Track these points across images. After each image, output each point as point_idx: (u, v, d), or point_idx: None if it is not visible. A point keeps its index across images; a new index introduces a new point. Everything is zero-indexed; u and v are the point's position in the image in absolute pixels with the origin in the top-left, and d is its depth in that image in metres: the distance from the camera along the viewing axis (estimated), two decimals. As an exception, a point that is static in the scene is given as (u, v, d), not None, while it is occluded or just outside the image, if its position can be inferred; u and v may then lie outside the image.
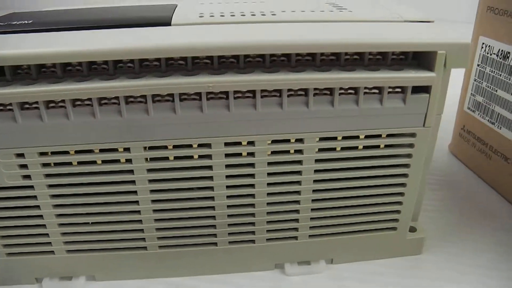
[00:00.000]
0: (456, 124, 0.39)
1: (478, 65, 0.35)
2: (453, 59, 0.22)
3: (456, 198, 0.34)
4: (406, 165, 0.25)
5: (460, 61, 0.22)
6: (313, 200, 0.25)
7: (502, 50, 0.33)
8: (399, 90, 0.23)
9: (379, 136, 0.24)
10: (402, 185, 0.25)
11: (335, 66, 0.22)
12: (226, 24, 0.24)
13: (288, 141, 0.23)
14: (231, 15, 0.25)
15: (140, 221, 0.24)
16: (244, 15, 0.25)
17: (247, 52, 0.21)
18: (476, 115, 0.36)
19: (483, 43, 0.34)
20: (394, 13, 0.26)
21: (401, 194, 0.25)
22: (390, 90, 0.23)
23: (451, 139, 0.40)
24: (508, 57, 0.32)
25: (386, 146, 0.24)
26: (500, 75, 0.33)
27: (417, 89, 0.23)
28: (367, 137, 0.24)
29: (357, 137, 0.23)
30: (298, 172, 0.24)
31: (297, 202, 0.25)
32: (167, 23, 0.24)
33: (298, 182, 0.24)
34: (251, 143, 0.23)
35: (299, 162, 0.24)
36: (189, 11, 0.26)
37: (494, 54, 0.33)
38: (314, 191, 0.25)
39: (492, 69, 0.34)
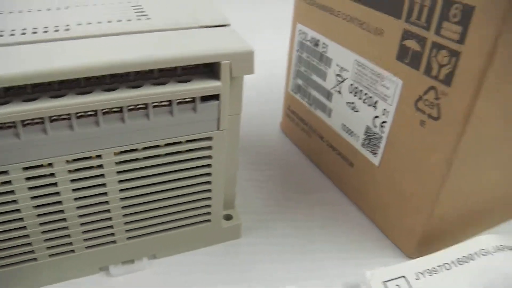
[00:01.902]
0: (284, 105, 0.41)
1: (297, 50, 0.37)
2: (239, 68, 0.23)
3: (283, 176, 0.37)
4: (208, 165, 0.26)
5: (246, 69, 0.24)
6: (124, 207, 0.26)
7: (313, 38, 0.35)
8: (189, 99, 0.24)
9: (179, 143, 0.25)
10: (208, 182, 0.27)
11: (124, 82, 0.23)
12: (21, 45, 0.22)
13: (89, 157, 0.23)
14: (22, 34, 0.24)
15: None
16: (35, 33, 0.24)
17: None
18: (298, 97, 0.39)
19: (300, 30, 0.36)
20: (192, 17, 0.27)
21: (208, 190, 0.27)
22: (181, 100, 0.23)
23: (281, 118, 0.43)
24: (318, 44, 0.34)
25: (187, 150, 0.25)
26: (314, 60, 0.35)
27: (208, 97, 0.24)
28: (167, 145, 0.24)
29: (157, 147, 0.24)
30: (103, 185, 0.24)
31: (108, 210, 0.25)
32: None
33: (105, 193, 0.25)
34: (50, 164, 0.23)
35: (102, 175, 0.24)
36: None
37: (308, 41, 0.36)
38: (123, 198, 0.25)
39: (308, 54, 0.36)
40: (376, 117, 0.30)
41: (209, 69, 0.24)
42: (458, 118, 0.25)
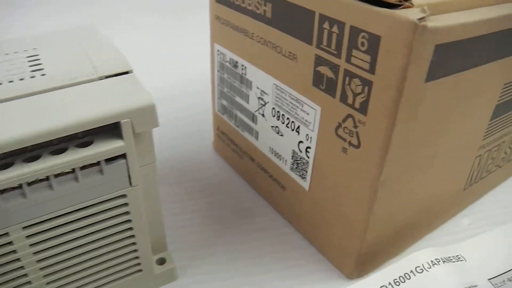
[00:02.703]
0: (213, 125, 0.40)
1: (218, 70, 0.36)
2: (141, 123, 0.22)
3: (220, 203, 0.36)
4: (127, 220, 0.25)
5: (149, 123, 0.22)
6: (47, 275, 0.24)
7: (232, 59, 0.34)
8: (94, 162, 0.22)
9: (90, 206, 0.23)
10: (131, 236, 0.26)
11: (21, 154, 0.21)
12: None
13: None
14: None
15: None
16: None
17: None
18: (225, 118, 0.37)
19: (218, 50, 0.35)
20: (91, 66, 0.25)
21: (133, 243, 0.26)
22: (86, 164, 0.22)
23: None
24: (237, 66, 0.33)
25: (102, 211, 0.24)
26: (235, 82, 0.34)
27: (114, 157, 0.22)
28: (78, 210, 0.23)
29: (68, 214, 0.23)
30: (18, 259, 0.23)
31: (29, 282, 0.24)
32: None
33: (22, 267, 0.23)
34: None
35: (14, 251, 0.22)
36: None
37: (227, 62, 0.34)
38: (42, 268, 0.24)
39: (229, 76, 0.35)
40: (301, 142, 0.30)
41: (113, 126, 0.23)
42: (378, 147, 0.24)
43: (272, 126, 0.32)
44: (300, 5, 0.26)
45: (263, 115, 0.32)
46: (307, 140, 0.29)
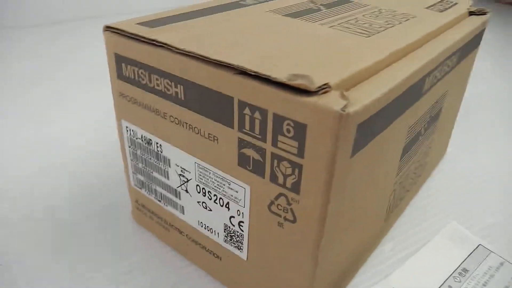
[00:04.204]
0: (131, 198, 0.38)
1: (129, 146, 0.34)
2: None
3: (150, 283, 0.34)
4: None
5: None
6: None
7: (144, 136, 0.32)
8: None
9: None
10: None
11: None
12: None
13: None
14: None
15: None
16: None
17: None
18: (144, 192, 0.36)
19: (127, 127, 0.33)
20: None
21: None
22: None
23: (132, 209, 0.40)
24: (151, 144, 0.32)
25: None
26: (151, 159, 0.33)
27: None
28: None
29: None
30: None
31: None
32: None
33: None
34: None
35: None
36: None
37: (139, 139, 0.33)
38: None
39: (143, 152, 0.33)
40: (232, 217, 0.29)
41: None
42: (314, 221, 0.25)
43: (199, 202, 0.31)
44: (217, 90, 0.25)
45: (186, 191, 0.31)
46: (238, 215, 0.29)
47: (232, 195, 0.28)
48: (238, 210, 0.29)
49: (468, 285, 0.33)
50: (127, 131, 0.33)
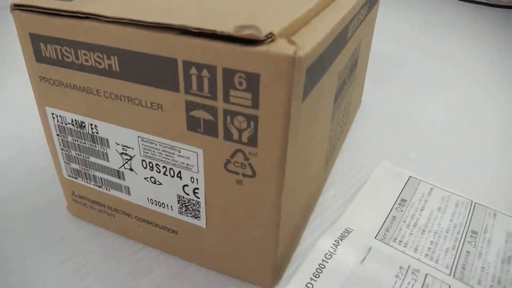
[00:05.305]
0: (65, 190, 0.36)
1: (58, 135, 0.32)
2: None
3: (103, 273, 0.32)
4: None
5: None
6: None
7: (75, 120, 0.30)
8: None
9: None
10: None
11: None
12: None
13: None
14: None
15: None
16: None
17: None
18: (80, 181, 0.34)
19: (53, 113, 0.31)
20: None
21: None
22: None
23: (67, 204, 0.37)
24: (84, 126, 0.30)
25: None
26: (85, 143, 0.31)
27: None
28: None
29: None
30: None
31: None
32: None
33: None
34: None
35: None
36: None
37: (69, 124, 0.31)
38: None
39: (75, 138, 0.31)
40: (186, 185, 0.29)
41: None
42: (275, 172, 0.25)
43: (146, 178, 0.30)
44: (157, 54, 0.24)
45: (131, 169, 0.30)
46: (192, 182, 0.28)
47: (183, 163, 0.28)
48: (191, 177, 0.28)
49: (409, 212, 0.36)
50: (54, 117, 0.31)
